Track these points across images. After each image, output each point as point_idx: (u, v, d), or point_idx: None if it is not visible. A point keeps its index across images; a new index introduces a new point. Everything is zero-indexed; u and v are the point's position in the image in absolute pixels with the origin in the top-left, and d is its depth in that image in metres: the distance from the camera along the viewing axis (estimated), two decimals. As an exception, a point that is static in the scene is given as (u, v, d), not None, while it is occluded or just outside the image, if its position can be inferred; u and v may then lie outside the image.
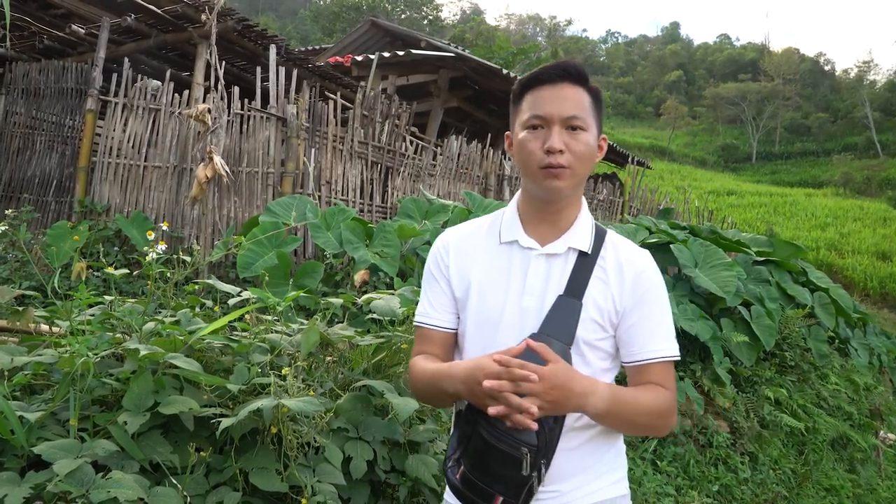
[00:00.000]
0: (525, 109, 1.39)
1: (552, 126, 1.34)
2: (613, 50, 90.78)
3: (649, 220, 7.60)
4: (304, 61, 8.40)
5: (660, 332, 1.39)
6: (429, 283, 1.52)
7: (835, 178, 40.30)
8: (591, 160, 1.39)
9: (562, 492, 1.37)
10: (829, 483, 5.28)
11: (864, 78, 63.00)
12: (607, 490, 1.41)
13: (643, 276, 1.40)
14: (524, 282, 1.39)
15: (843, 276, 19.15)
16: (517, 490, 1.26)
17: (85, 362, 1.78)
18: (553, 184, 1.35)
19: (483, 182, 8.50)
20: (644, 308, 1.38)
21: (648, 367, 1.38)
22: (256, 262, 4.78)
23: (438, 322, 1.49)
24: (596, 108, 1.40)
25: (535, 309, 1.37)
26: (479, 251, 1.47)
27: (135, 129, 6.07)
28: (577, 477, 1.38)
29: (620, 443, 1.49)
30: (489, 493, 1.28)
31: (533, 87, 1.39)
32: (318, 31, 40.16)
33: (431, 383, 1.41)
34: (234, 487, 1.82)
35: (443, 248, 1.52)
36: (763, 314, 6.13)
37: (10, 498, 1.48)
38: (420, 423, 2.36)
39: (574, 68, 1.39)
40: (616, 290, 1.38)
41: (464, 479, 1.32)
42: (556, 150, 1.33)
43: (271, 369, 2.11)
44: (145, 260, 2.34)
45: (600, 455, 1.42)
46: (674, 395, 1.39)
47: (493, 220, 1.52)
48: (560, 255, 1.40)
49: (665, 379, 1.38)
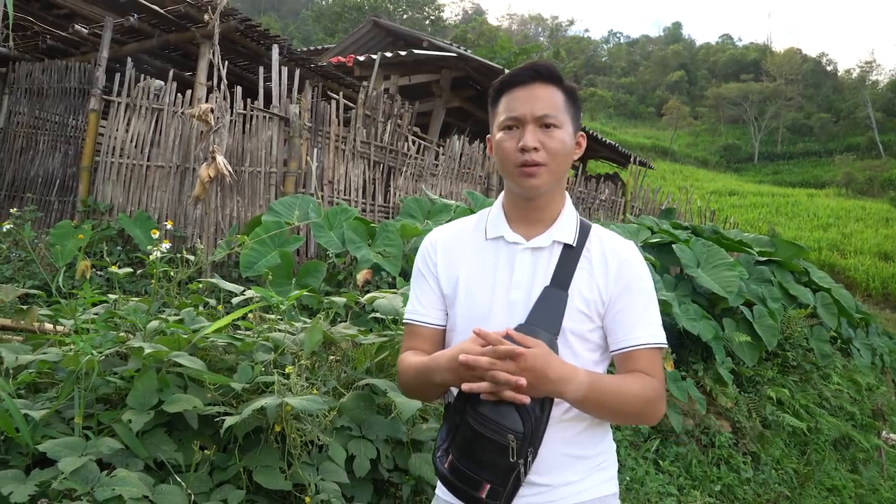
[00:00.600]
0: (501, 112, 1.42)
1: (526, 125, 1.38)
2: (615, 50, 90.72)
3: (651, 220, 7.60)
4: (307, 61, 8.41)
5: (645, 320, 1.40)
6: (417, 280, 1.56)
7: (837, 179, 40.25)
8: (568, 157, 1.42)
9: (552, 486, 1.38)
10: (832, 483, 5.27)
11: (866, 78, 62.93)
12: (598, 488, 1.42)
13: (627, 264, 1.42)
14: (511, 275, 1.42)
15: (845, 277, 19.13)
16: (504, 477, 1.28)
17: (89, 360, 1.79)
18: (529, 182, 1.39)
19: (485, 182, 8.50)
20: (629, 296, 1.40)
21: (634, 355, 1.39)
22: (259, 262, 4.78)
23: (427, 318, 1.51)
24: (571, 106, 1.43)
25: (523, 301, 1.39)
26: (467, 248, 1.50)
27: (138, 128, 6.08)
28: (567, 470, 1.39)
29: (609, 439, 1.51)
30: (477, 481, 1.29)
31: (507, 90, 1.42)
32: (320, 31, 40.20)
33: (419, 376, 1.43)
34: (237, 485, 1.83)
35: (430, 247, 1.55)
36: (765, 314, 6.12)
37: (15, 495, 1.49)
38: (423, 421, 2.37)
39: (545, 68, 1.42)
40: (601, 280, 1.40)
41: (452, 467, 1.34)
42: (529, 148, 1.36)
43: (275, 368, 2.12)
44: (149, 259, 2.35)
45: (590, 449, 1.43)
46: (660, 382, 1.39)
47: (479, 219, 1.55)
48: (545, 248, 1.43)
49: (651, 366, 1.38)
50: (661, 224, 7.38)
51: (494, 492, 1.29)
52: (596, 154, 15.49)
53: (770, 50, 75.92)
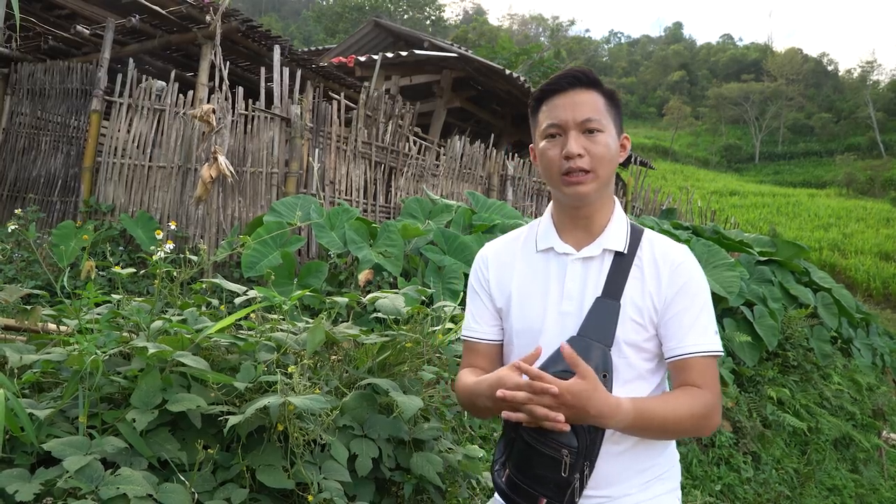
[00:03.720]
0: (542, 120, 1.41)
1: (569, 132, 1.36)
2: (616, 50, 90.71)
3: (652, 220, 7.61)
4: (308, 62, 8.42)
5: (698, 326, 1.35)
6: (471, 297, 1.56)
7: (838, 179, 40.20)
8: (613, 161, 1.40)
9: (610, 497, 1.36)
10: (832, 483, 5.28)
11: (867, 78, 62.81)
12: (658, 500, 1.39)
13: (681, 268, 1.38)
14: (562, 287, 1.40)
15: (846, 277, 19.11)
16: (560, 492, 1.26)
17: (93, 360, 1.80)
18: (576, 189, 1.37)
19: (486, 182, 8.51)
20: (681, 301, 1.36)
21: (687, 364, 1.34)
22: (261, 262, 4.79)
23: (481, 335, 1.52)
24: (612, 109, 1.41)
25: (575, 313, 1.37)
26: (517, 261, 1.49)
27: (139, 129, 6.10)
28: (626, 483, 1.37)
29: (672, 449, 1.47)
30: (533, 495, 1.28)
31: (547, 98, 1.41)
32: (321, 31, 40.21)
33: (468, 398, 1.44)
34: (241, 484, 1.84)
35: (482, 263, 1.55)
36: (766, 314, 6.13)
37: (20, 494, 1.50)
38: (425, 421, 2.38)
39: (583, 74, 1.40)
40: (653, 286, 1.37)
41: (509, 482, 1.32)
42: (574, 155, 1.34)
43: (277, 367, 2.13)
44: (152, 259, 2.36)
45: (650, 460, 1.40)
46: (714, 394, 1.33)
47: (529, 231, 1.54)
48: (596, 257, 1.41)
49: (703, 377, 1.34)
50: (661, 224, 7.38)
51: None
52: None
53: (771, 50, 75.88)
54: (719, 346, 1.37)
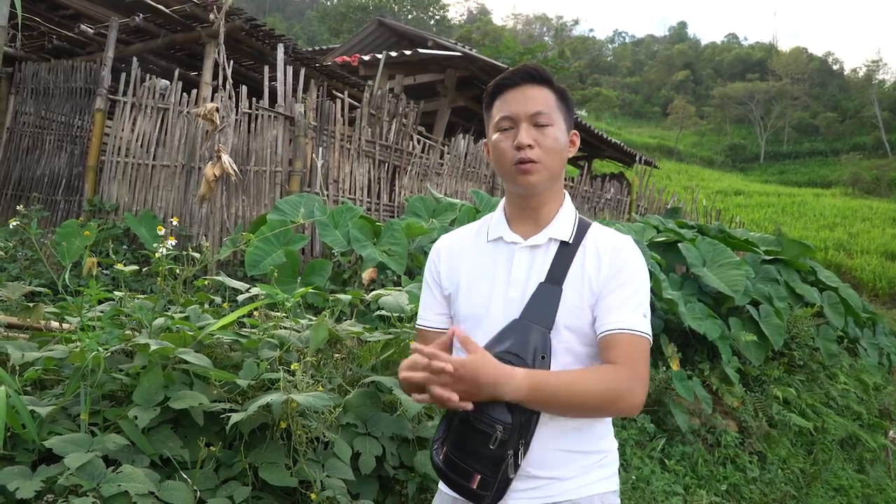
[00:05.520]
0: (495, 113, 1.47)
1: (520, 124, 1.42)
2: (621, 50, 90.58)
3: (657, 220, 7.57)
4: (312, 61, 8.42)
5: (626, 307, 1.37)
6: (424, 287, 1.63)
7: (843, 178, 40.01)
8: (562, 154, 1.46)
9: (550, 479, 1.38)
10: (838, 483, 5.25)
11: (872, 77, 62.55)
12: (597, 485, 1.42)
13: (621, 253, 1.42)
14: (509, 274, 1.45)
15: (851, 277, 19.02)
16: (494, 468, 1.30)
17: (95, 357, 1.79)
18: (526, 178, 1.42)
19: (490, 181, 8.50)
20: (614, 283, 1.39)
21: (608, 341, 1.35)
22: (265, 260, 4.79)
23: (430, 322, 1.58)
24: (563, 106, 1.48)
25: (519, 299, 1.41)
26: (468, 252, 1.55)
27: (143, 128, 6.10)
28: (565, 466, 1.39)
29: (611, 437, 1.50)
30: (468, 472, 1.32)
31: (500, 93, 1.47)
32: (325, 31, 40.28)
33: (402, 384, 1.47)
34: (243, 482, 1.83)
35: (435, 255, 1.61)
36: (772, 313, 6.09)
37: (21, 491, 1.49)
38: (428, 419, 2.36)
39: (535, 70, 1.46)
40: (593, 272, 1.41)
41: (446, 459, 1.36)
42: (524, 146, 1.40)
43: (280, 365, 2.12)
44: (155, 256, 2.35)
45: (587, 445, 1.43)
46: (631, 373, 1.32)
47: (482, 223, 1.60)
48: (542, 245, 1.46)
49: (625, 354, 1.33)
50: (666, 223, 7.35)
51: (485, 482, 1.31)
52: (601, 153, 15.47)
53: (776, 49, 75.66)
54: (646, 328, 1.37)
